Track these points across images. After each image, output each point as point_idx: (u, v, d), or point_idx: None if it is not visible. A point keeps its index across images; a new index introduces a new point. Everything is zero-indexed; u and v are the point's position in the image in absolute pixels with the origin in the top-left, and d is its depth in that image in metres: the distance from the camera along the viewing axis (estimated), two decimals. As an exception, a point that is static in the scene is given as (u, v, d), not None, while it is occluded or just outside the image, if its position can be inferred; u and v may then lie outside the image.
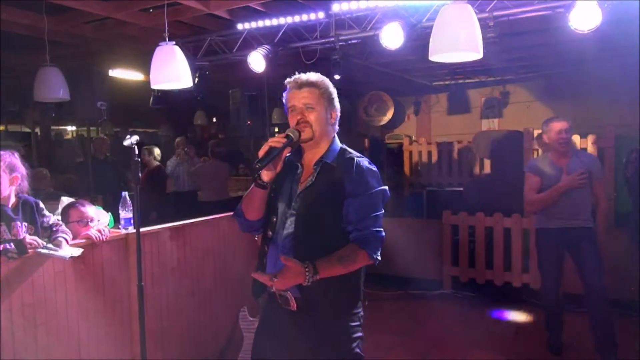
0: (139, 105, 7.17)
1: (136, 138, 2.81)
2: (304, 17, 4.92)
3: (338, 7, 4.69)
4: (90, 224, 3.07)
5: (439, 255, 5.74)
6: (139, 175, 2.85)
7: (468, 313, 5.13)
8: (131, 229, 3.13)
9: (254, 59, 5.10)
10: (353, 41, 5.03)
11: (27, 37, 5.22)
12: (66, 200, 3.30)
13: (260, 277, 1.93)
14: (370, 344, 2.13)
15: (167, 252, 3.43)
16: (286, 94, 2.09)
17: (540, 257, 4.07)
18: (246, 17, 5.15)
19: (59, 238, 2.71)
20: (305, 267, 1.84)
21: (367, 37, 4.89)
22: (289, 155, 2.07)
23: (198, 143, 8.43)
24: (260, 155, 1.94)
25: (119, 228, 3.21)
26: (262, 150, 1.95)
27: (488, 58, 4.41)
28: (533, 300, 5.01)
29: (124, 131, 10.47)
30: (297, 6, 4.93)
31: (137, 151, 2.83)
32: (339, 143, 2.12)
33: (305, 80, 2.06)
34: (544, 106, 8.80)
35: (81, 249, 2.71)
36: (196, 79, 5.58)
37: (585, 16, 3.81)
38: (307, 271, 1.84)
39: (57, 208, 3.24)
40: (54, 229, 2.78)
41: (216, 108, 9.47)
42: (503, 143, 6.54)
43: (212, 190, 6.81)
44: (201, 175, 6.98)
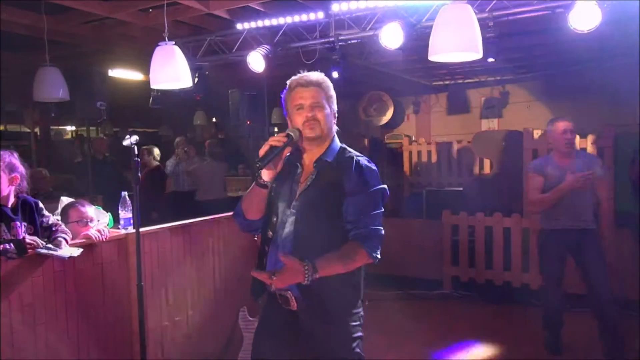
0: (139, 105, 7.17)
1: (136, 138, 2.82)
2: (304, 17, 4.92)
3: (338, 7, 4.69)
4: (89, 224, 3.07)
5: (439, 255, 5.74)
6: (139, 175, 2.86)
7: (468, 313, 5.13)
8: (131, 229, 3.13)
9: (254, 59, 5.10)
10: (353, 41, 5.03)
11: (27, 37, 5.22)
12: (66, 200, 3.30)
13: (259, 276, 1.92)
14: (369, 344, 2.13)
15: (167, 252, 3.43)
16: (289, 93, 2.07)
17: (542, 258, 4.06)
18: (246, 17, 5.15)
19: (59, 238, 2.71)
20: (304, 266, 1.83)
21: (367, 37, 4.89)
22: (289, 155, 2.06)
23: (198, 143, 8.43)
24: (261, 154, 1.94)
25: (119, 228, 3.21)
26: (263, 149, 1.95)
27: (488, 58, 4.42)
28: (533, 300, 5.01)
29: (124, 131, 10.48)
30: (297, 6, 4.93)
31: (137, 151, 2.84)
32: (339, 142, 2.12)
33: (312, 79, 2.05)
34: (544, 106, 8.82)
35: (81, 249, 2.71)
36: (196, 79, 5.58)
37: (584, 16, 3.82)
38: (307, 270, 1.83)
39: (57, 208, 3.24)
40: (54, 229, 2.78)
41: (216, 108, 9.46)
42: (503, 143, 6.52)
43: (210, 189, 6.83)
44: (198, 175, 7.00)
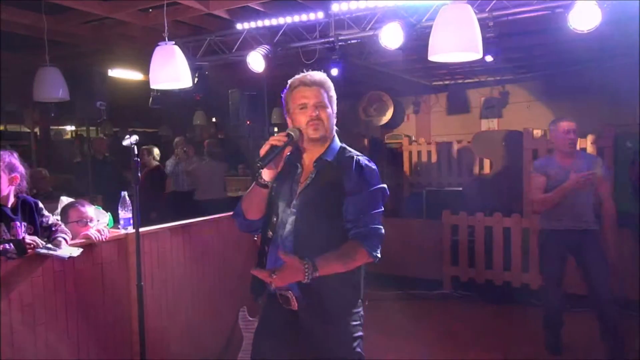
0: (139, 105, 7.17)
1: (135, 138, 2.82)
2: (304, 17, 4.92)
3: (337, 7, 4.69)
4: (89, 224, 3.07)
5: (439, 255, 5.74)
6: (139, 175, 2.86)
7: (467, 313, 5.13)
8: (130, 229, 3.13)
9: (254, 59, 5.10)
10: (352, 41, 5.04)
11: (27, 37, 5.22)
12: (65, 200, 3.30)
13: (259, 274, 1.91)
14: (369, 344, 2.13)
15: (167, 252, 3.43)
16: (291, 92, 2.05)
17: (543, 259, 4.06)
18: (245, 17, 5.15)
19: (59, 238, 2.71)
20: (304, 264, 1.82)
21: (367, 37, 4.89)
22: (289, 155, 2.05)
23: (197, 143, 8.43)
24: (261, 154, 1.93)
25: (119, 228, 3.21)
26: (264, 148, 1.94)
27: (486, 56, 4.42)
28: (532, 300, 5.01)
29: (124, 131, 10.48)
30: (297, 6, 4.93)
31: (137, 151, 2.84)
32: (339, 142, 2.12)
33: (316, 78, 2.05)
34: (544, 106, 8.82)
35: (80, 249, 2.71)
36: (195, 79, 5.58)
37: (584, 16, 3.82)
38: (307, 268, 1.82)
39: (57, 208, 3.23)
40: (54, 229, 2.78)
41: (215, 108, 9.47)
42: (503, 143, 6.52)
43: (208, 189, 6.84)
44: (197, 174, 7.01)
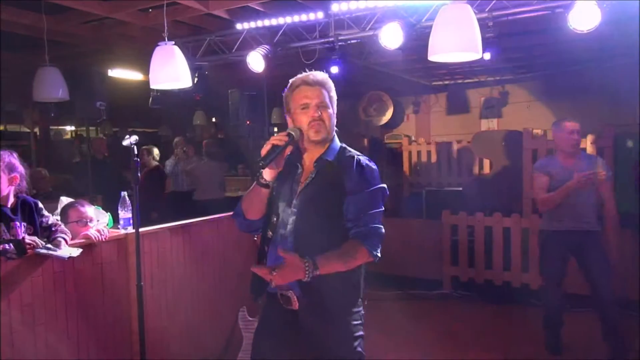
0: (138, 105, 7.17)
1: (135, 138, 2.82)
2: (303, 17, 4.92)
3: (337, 7, 4.69)
4: (89, 224, 3.07)
5: (439, 255, 5.74)
6: (138, 175, 2.86)
7: (467, 313, 5.13)
8: (130, 229, 3.13)
9: (253, 59, 5.10)
10: (352, 41, 5.04)
11: (27, 37, 5.22)
12: (65, 200, 3.30)
13: (259, 271, 1.88)
14: (369, 344, 2.13)
15: (167, 252, 3.43)
16: (292, 91, 2.04)
17: (544, 260, 4.04)
18: (245, 17, 5.15)
19: (58, 238, 2.71)
20: (304, 262, 1.82)
21: (367, 37, 4.89)
22: (289, 155, 2.04)
23: (197, 143, 8.44)
24: (263, 153, 1.93)
25: (118, 228, 3.21)
26: (265, 148, 1.93)
27: (485, 52, 4.42)
28: (532, 300, 5.01)
29: (123, 131, 10.47)
30: (297, 6, 4.93)
31: (136, 151, 2.84)
32: (339, 142, 2.12)
33: (318, 78, 2.04)
34: (543, 106, 8.82)
35: (80, 249, 2.71)
36: (195, 79, 5.58)
37: (584, 16, 3.82)
38: (307, 266, 1.82)
39: (56, 208, 3.23)
40: (53, 229, 2.78)
41: (215, 108, 9.46)
42: (502, 143, 6.52)
43: (207, 189, 6.85)
44: (196, 174, 7.02)
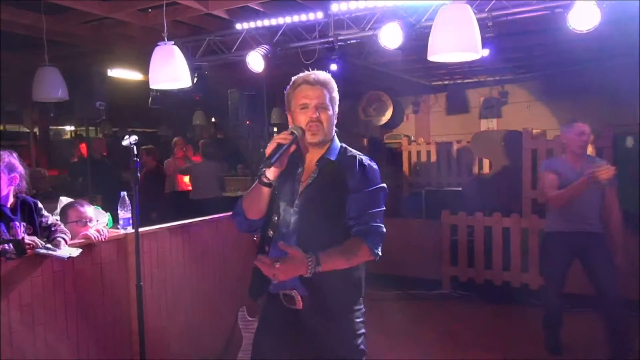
0: (138, 105, 7.16)
1: (135, 138, 2.81)
2: (303, 17, 4.93)
3: (337, 7, 4.69)
4: (89, 224, 3.07)
5: (438, 255, 5.74)
6: (138, 175, 2.86)
7: (467, 313, 5.12)
8: (130, 229, 3.13)
9: (253, 59, 5.11)
10: (352, 41, 5.04)
11: (27, 37, 5.22)
12: (65, 200, 3.30)
13: (262, 264, 1.83)
14: (369, 344, 2.13)
15: (166, 252, 3.43)
16: (294, 90, 2.03)
17: (547, 261, 4.02)
18: (245, 17, 5.15)
19: (58, 238, 2.71)
20: (307, 258, 1.82)
21: (366, 37, 4.89)
22: (290, 154, 2.04)
23: (197, 143, 8.45)
24: (268, 152, 1.92)
25: (118, 228, 3.21)
26: (270, 147, 1.92)
27: (487, 58, 4.43)
28: (532, 300, 5.01)
29: (123, 131, 10.48)
30: (296, 6, 4.93)
31: (136, 151, 2.84)
32: (339, 142, 2.12)
33: (320, 78, 2.02)
34: (543, 106, 8.83)
35: (80, 249, 2.71)
36: (195, 79, 5.58)
37: (583, 16, 3.82)
38: (310, 262, 1.82)
39: (56, 208, 3.23)
40: (53, 229, 2.78)
41: (215, 108, 9.46)
42: (502, 143, 6.53)
43: (203, 189, 6.85)
44: (192, 174, 7.02)
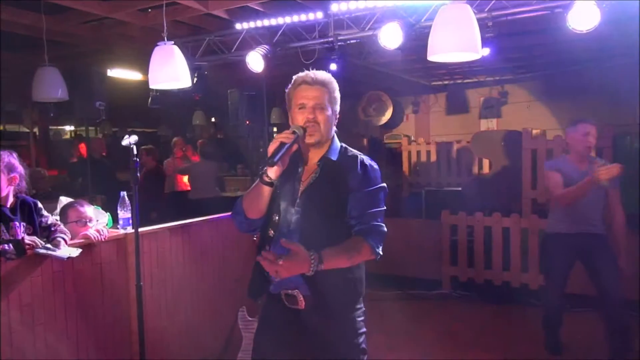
0: (138, 105, 7.16)
1: (135, 138, 2.81)
2: (303, 17, 4.92)
3: (337, 7, 4.69)
4: (88, 224, 3.07)
5: (438, 255, 5.74)
6: (138, 175, 2.85)
7: (467, 313, 5.12)
8: (130, 229, 3.13)
9: (253, 59, 5.10)
10: (352, 41, 5.04)
11: (27, 37, 5.22)
12: (65, 200, 3.30)
13: (266, 260, 1.80)
14: (369, 344, 2.13)
15: (166, 252, 3.43)
16: (293, 89, 2.04)
17: (548, 262, 4.00)
18: (245, 17, 5.15)
19: (58, 238, 2.71)
20: (310, 255, 1.82)
21: (366, 37, 4.89)
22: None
23: (196, 143, 8.46)
24: (270, 151, 1.92)
25: (118, 228, 3.21)
26: (272, 146, 1.92)
27: (486, 58, 4.43)
28: (532, 300, 5.01)
29: (123, 131, 10.47)
30: (296, 6, 4.93)
31: (136, 151, 2.84)
32: (339, 142, 2.12)
33: (319, 78, 2.02)
34: (543, 106, 8.83)
35: (80, 249, 2.71)
36: (195, 79, 5.58)
37: (583, 16, 3.82)
38: (313, 259, 1.82)
39: (56, 208, 3.23)
40: (53, 229, 2.78)
41: (215, 108, 9.47)
42: (502, 143, 6.53)
43: (202, 189, 6.86)
44: (190, 174, 7.02)
